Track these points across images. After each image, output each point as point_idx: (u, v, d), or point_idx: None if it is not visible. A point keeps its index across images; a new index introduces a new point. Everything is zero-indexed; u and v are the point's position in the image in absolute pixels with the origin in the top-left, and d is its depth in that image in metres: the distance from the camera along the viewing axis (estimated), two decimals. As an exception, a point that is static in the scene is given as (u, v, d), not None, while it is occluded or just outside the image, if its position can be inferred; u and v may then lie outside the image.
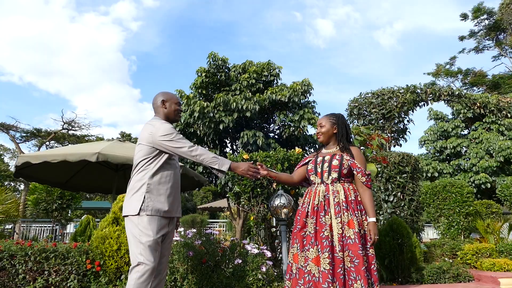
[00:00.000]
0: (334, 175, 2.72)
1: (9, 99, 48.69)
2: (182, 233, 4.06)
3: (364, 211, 2.68)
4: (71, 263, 3.62)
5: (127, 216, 2.54)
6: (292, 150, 4.96)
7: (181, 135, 2.62)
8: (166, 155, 2.62)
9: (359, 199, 2.72)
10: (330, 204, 2.66)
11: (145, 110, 61.59)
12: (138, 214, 2.47)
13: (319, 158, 2.84)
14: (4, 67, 45.62)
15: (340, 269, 2.48)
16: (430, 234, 14.66)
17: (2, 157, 26.47)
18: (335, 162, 2.75)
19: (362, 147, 4.62)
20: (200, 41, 71.89)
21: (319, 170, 2.79)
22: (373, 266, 2.56)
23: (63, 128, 21.74)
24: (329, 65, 73.70)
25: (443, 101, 9.85)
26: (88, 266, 3.65)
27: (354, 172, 2.75)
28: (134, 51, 60.34)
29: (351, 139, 2.98)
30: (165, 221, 2.59)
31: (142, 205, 2.47)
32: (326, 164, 2.77)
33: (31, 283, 3.50)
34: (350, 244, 2.52)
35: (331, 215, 2.62)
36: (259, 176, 2.72)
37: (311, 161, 2.90)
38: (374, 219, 2.63)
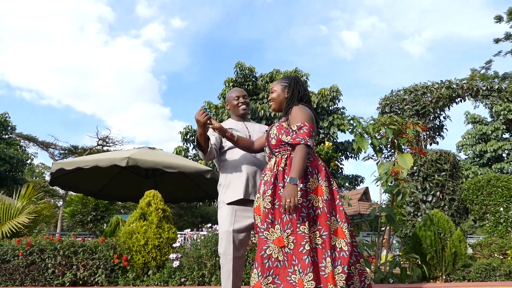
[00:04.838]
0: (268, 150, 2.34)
1: (49, 121, 51.29)
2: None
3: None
4: (99, 258, 3.59)
5: None
6: (322, 144, 4.79)
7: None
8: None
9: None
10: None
11: (175, 128, 62.83)
12: None
13: None
14: (45, 91, 48.17)
15: None
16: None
17: (43, 175, 27.58)
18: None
19: (396, 138, 4.37)
20: (228, 59, 73.19)
21: None
22: None
23: (98, 145, 22.43)
24: (357, 77, 72.71)
25: (481, 97, 9.29)
26: (116, 260, 3.60)
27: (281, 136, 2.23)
28: (164, 71, 62.05)
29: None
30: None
31: None
32: None
33: (60, 277, 3.48)
34: None
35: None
36: (206, 119, 2.26)
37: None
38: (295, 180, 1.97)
